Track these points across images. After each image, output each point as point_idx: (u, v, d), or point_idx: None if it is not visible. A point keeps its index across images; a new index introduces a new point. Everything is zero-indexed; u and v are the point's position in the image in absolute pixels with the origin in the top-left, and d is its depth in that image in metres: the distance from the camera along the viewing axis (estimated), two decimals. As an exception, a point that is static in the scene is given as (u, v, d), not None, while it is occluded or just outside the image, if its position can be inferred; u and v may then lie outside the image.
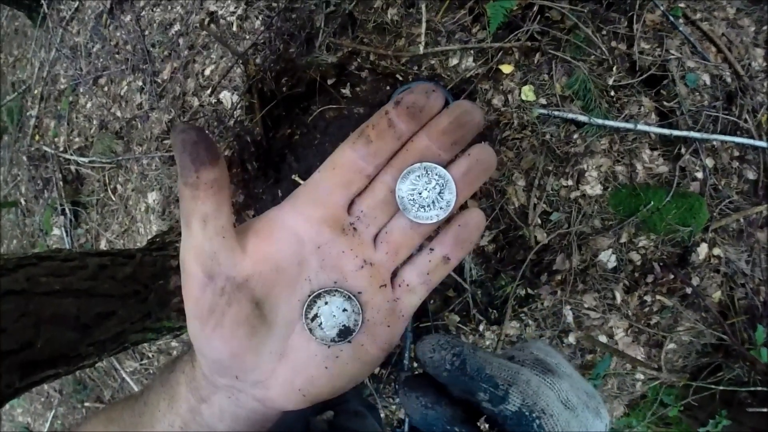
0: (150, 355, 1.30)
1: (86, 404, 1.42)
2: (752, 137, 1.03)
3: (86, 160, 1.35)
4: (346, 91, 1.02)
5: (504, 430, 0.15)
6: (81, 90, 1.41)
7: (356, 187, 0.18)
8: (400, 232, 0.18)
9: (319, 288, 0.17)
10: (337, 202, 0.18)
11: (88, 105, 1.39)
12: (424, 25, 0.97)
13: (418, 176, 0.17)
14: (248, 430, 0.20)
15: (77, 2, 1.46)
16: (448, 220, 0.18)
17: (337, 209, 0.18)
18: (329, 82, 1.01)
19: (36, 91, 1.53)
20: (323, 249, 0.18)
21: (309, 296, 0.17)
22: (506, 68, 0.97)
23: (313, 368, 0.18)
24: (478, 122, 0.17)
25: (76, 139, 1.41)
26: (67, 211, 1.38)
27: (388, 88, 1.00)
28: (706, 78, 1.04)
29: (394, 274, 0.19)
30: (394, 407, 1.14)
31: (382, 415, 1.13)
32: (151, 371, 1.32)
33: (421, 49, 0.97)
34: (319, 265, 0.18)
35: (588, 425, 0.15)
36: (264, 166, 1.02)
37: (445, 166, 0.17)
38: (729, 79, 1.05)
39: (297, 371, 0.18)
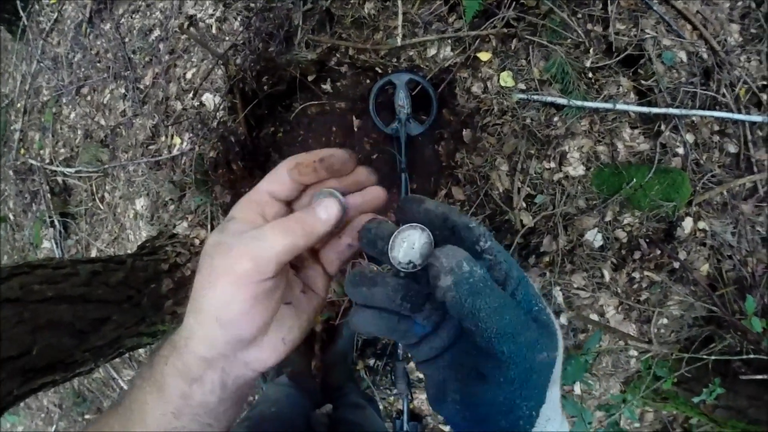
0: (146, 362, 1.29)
1: (87, 416, 1.41)
2: (731, 111, 1.05)
3: (73, 170, 1.34)
4: (327, 87, 1.02)
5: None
6: (64, 101, 1.41)
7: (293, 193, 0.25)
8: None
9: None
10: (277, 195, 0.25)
11: (72, 115, 1.39)
12: (400, 17, 0.98)
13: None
14: (232, 398, 0.22)
15: (56, 13, 1.45)
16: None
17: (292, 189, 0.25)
18: (310, 78, 1.02)
19: (19, 105, 1.52)
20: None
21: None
22: (484, 56, 0.98)
23: (288, 318, 0.23)
24: (378, 195, 0.26)
25: (62, 150, 1.40)
26: (57, 222, 1.37)
27: (368, 81, 1.01)
28: (683, 55, 1.05)
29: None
30: (392, 398, 1.14)
31: (381, 407, 1.14)
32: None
33: (399, 42, 0.97)
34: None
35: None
36: (249, 166, 1.02)
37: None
38: (705, 55, 1.06)
39: (280, 326, 0.22)
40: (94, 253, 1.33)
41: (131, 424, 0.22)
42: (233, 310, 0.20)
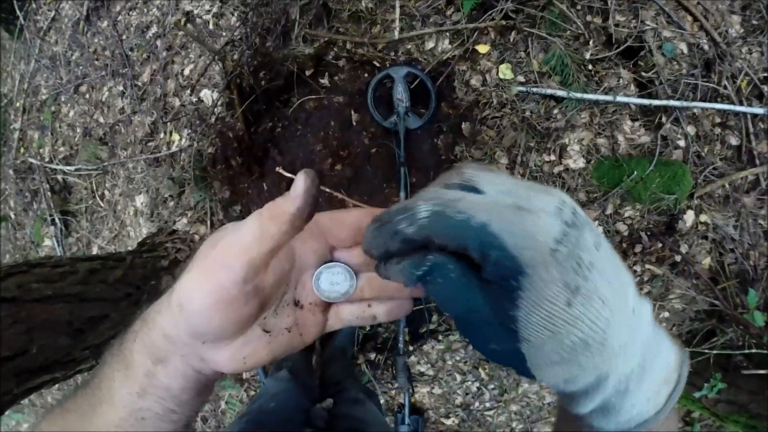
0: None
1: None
2: (732, 103, 1.04)
3: (72, 168, 1.34)
4: (325, 81, 1.02)
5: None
6: (63, 99, 1.40)
7: (345, 244, 0.24)
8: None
9: (287, 291, 0.24)
10: (329, 244, 0.24)
11: (71, 113, 1.39)
12: (398, 10, 0.97)
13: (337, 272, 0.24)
14: (195, 388, 0.22)
15: (53, 12, 1.45)
16: (391, 298, 0.24)
17: (327, 248, 0.24)
18: (307, 73, 1.01)
19: (18, 104, 1.52)
20: (303, 267, 0.23)
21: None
22: (482, 48, 0.97)
23: (261, 344, 0.22)
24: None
25: (61, 149, 1.40)
26: (57, 221, 1.37)
27: (366, 75, 1.00)
28: (683, 47, 1.04)
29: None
30: (393, 392, 1.14)
31: (382, 401, 1.14)
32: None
33: (397, 35, 0.97)
34: (294, 277, 0.23)
35: (527, 192, 0.14)
36: (248, 161, 1.02)
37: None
38: (706, 47, 1.05)
39: (248, 345, 0.21)
40: (95, 251, 1.33)
41: (98, 402, 0.21)
42: (194, 301, 0.19)
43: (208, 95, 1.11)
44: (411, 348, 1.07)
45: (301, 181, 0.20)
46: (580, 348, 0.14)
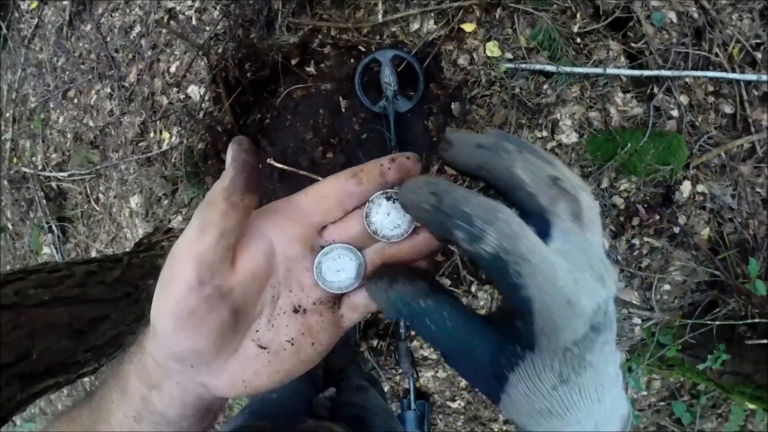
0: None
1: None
2: (725, 71, 1.02)
3: (66, 174, 1.34)
4: (311, 69, 1.01)
5: (486, 272, 0.14)
6: (51, 105, 1.40)
7: (333, 216, 0.20)
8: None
9: (279, 295, 0.20)
10: (313, 224, 0.20)
11: (60, 119, 1.39)
12: (381, -8, 0.96)
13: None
14: (196, 415, 0.20)
15: (36, 19, 1.44)
16: (410, 259, 0.20)
17: (312, 230, 0.20)
18: (293, 62, 1.01)
19: (8, 114, 1.51)
20: (291, 261, 0.20)
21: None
22: (468, 27, 0.96)
23: (260, 364, 0.19)
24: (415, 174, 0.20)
25: (53, 156, 1.40)
26: (54, 227, 1.37)
27: (352, 60, 0.99)
28: (672, 15, 1.03)
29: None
30: (397, 378, 1.15)
31: (387, 387, 1.14)
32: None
33: (381, 18, 0.96)
34: (283, 275, 0.20)
35: (578, 286, 0.14)
36: (239, 155, 1.01)
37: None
38: (696, 15, 1.04)
39: (246, 365, 0.19)
40: (93, 255, 1.33)
41: (98, 421, 0.21)
42: (160, 323, 0.17)
43: (195, 91, 1.11)
44: (413, 333, 1.07)
45: (229, 151, 0.17)
46: (551, 418, 0.15)
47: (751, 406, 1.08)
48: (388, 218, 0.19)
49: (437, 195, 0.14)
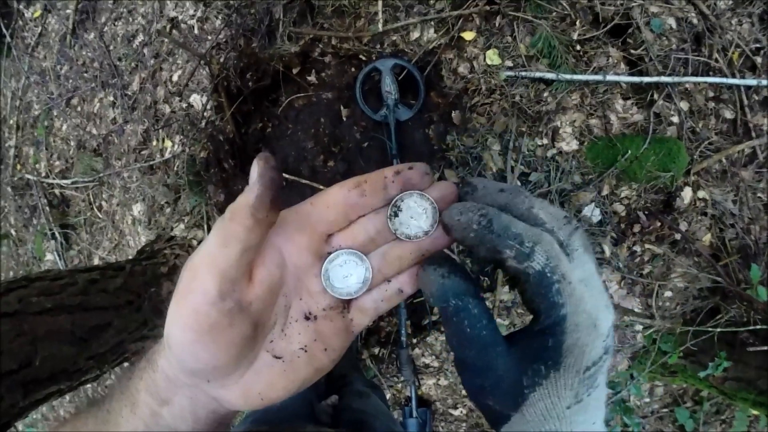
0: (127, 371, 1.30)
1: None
2: (725, 76, 1.03)
3: (69, 182, 1.35)
4: (312, 78, 1.02)
5: (526, 290, 0.15)
6: (55, 113, 1.41)
7: (338, 226, 0.20)
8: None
9: (291, 304, 0.20)
10: (321, 234, 0.20)
11: (64, 127, 1.40)
12: (380, 2, 0.97)
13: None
14: (209, 430, 0.20)
15: (40, 27, 1.45)
16: (415, 263, 0.21)
17: (319, 239, 0.20)
18: (294, 71, 1.01)
19: (11, 121, 1.53)
20: (301, 270, 0.20)
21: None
22: (468, 35, 0.97)
23: (275, 374, 0.19)
24: (454, 199, 0.21)
25: (57, 163, 1.41)
26: (57, 234, 1.38)
27: (353, 69, 1.00)
28: (672, 21, 1.03)
29: None
30: (399, 386, 1.14)
31: (389, 395, 1.14)
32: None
33: (381, 27, 0.96)
34: (294, 284, 0.20)
35: (598, 310, 0.15)
36: (241, 163, 1.02)
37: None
38: (695, 21, 1.04)
39: (260, 377, 0.19)
40: (96, 261, 1.34)
41: None
42: (176, 336, 0.17)
43: (197, 100, 1.11)
44: (414, 340, 1.07)
45: (254, 167, 0.17)
46: None
47: (755, 412, 1.07)
48: (411, 220, 0.20)
49: (487, 218, 0.16)
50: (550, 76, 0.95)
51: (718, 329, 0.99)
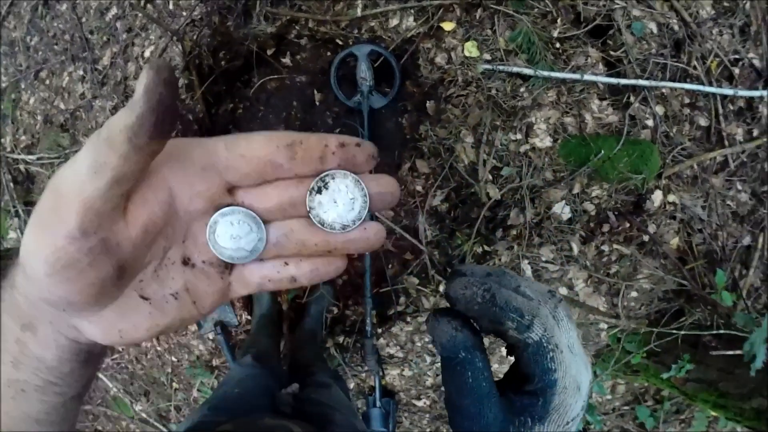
0: (119, 349, 1.28)
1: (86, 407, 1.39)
2: (702, 83, 1.04)
3: (34, 157, 1.30)
4: (287, 60, 0.99)
5: (523, 357, 0.17)
6: (23, 86, 1.35)
7: (248, 182, 0.18)
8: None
9: (171, 246, 0.18)
10: (225, 183, 0.17)
11: (31, 101, 1.34)
12: (361, -14, 0.95)
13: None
14: (76, 359, 0.19)
15: (11, -5, 1.39)
16: (317, 254, 0.19)
17: (221, 189, 0.18)
18: (269, 52, 0.99)
19: (-22, 92, 1.46)
20: (190, 216, 0.18)
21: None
22: (448, 25, 0.96)
23: (140, 315, 0.18)
24: (393, 202, 0.20)
25: (23, 138, 1.36)
26: (21, 212, 1.33)
27: (328, 53, 0.98)
28: (653, 26, 1.03)
29: None
30: (363, 375, 1.14)
31: (353, 384, 1.14)
32: (123, 365, 1.30)
33: (360, 12, 0.94)
34: (179, 227, 0.18)
35: (581, 374, 0.18)
36: (210, 145, 0.99)
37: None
38: (676, 27, 1.04)
39: (124, 316, 0.17)
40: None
41: None
42: (32, 266, 0.15)
43: (168, 77, 1.08)
44: (379, 330, 1.07)
45: (141, 78, 0.13)
46: None
47: (714, 413, 1.10)
48: (334, 205, 0.17)
49: (490, 292, 0.17)
50: (528, 71, 0.95)
51: (682, 331, 1.01)
